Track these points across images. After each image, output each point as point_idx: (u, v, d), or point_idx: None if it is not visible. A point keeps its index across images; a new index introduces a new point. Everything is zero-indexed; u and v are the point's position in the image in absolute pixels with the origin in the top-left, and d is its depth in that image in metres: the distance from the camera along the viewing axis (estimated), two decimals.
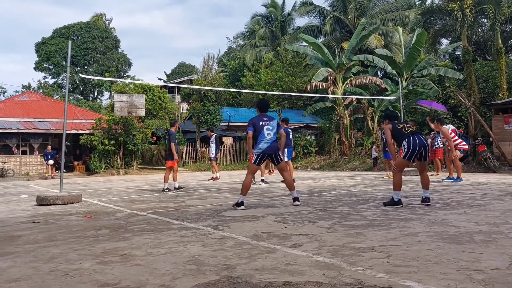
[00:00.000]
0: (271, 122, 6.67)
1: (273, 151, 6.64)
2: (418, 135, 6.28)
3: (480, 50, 25.97)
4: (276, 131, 6.67)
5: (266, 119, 6.69)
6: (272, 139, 6.59)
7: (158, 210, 6.66)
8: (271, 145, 6.57)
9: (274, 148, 6.65)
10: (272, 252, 3.64)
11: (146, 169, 24.19)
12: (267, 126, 6.59)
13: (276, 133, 6.68)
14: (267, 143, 6.54)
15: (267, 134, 6.55)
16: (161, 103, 27.33)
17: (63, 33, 47.78)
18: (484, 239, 3.83)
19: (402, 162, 6.33)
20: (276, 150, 6.68)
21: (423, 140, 6.22)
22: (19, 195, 10.63)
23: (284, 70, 23.89)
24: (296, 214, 5.71)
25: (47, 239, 4.55)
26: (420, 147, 6.16)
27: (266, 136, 6.55)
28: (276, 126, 6.70)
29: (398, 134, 6.40)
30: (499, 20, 17.17)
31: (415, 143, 6.15)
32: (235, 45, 45.62)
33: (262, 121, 6.64)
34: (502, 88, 17.78)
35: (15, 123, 24.30)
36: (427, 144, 6.27)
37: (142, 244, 4.12)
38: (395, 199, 6.20)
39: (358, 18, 29.06)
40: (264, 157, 6.68)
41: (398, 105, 17.88)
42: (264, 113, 6.89)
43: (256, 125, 6.61)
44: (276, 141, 6.69)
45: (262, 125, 6.60)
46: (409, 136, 6.22)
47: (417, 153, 6.19)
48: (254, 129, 6.59)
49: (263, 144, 6.53)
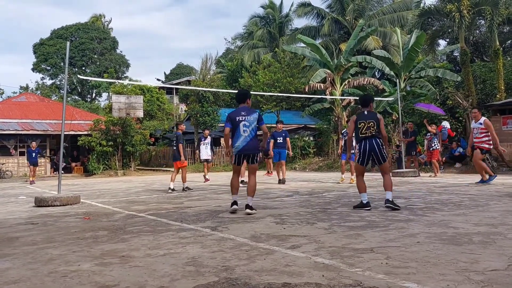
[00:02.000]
0: (250, 116, 6.07)
1: (249, 151, 6.07)
2: (372, 139, 6.11)
3: (478, 51, 26.05)
4: (256, 126, 6.09)
5: (244, 112, 6.08)
6: (249, 136, 6.03)
7: (157, 212, 6.65)
8: (247, 143, 6.02)
9: (251, 147, 6.07)
10: (271, 253, 3.64)
11: (144, 170, 24.17)
12: (244, 122, 6.02)
13: (255, 129, 6.10)
14: (243, 141, 6.02)
15: (243, 132, 6.01)
16: (159, 104, 27.37)
17: (61, 34, 47.76)
18: (482, 240, 3.84)
19: (357, 166, 6.38)
20: (254, 149, 6.09)
21: (374, 144, 6.09)
22: (17, 197, 10.61)
23: (282, 71, 23.92)
24: (295, 215, 5.72)
25: (45, 241, 4.54)
26: (370, 152, 6.12)
27: (242, 134, 6.02)
28: (257, 120, 6.11)
29: (356, 133, 6.31)
30: (496, 21, 17.23)
31: (364, 147, 6.14)
32: (233, 46, 45.70)
33: (240, 115, 6.06)
34: (500, 89, 17.84)
35: (12, 124, 24.27)
36: (378, 148, 6.10)
37: (140, 246, 4.11)
38: (363, 202, 6.17)
39: (356, 19, 29.11)
40: (242, 157, 6.17)
41: (396, 107, 17.91)
42: (243, 104, 6.24)
43: (233, 120, 6.07)
44: (254, 139, 6.10)
45: (239, 121, 6.04)
46: (361, 141, 6.19)
47: (367, 158, 6.17)
48: (232, 125, 6.09)
49: (238, 143, 6.04)
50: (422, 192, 8.35)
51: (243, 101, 6.26)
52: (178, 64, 57.22)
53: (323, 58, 21.93)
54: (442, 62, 26.03)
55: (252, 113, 6.11)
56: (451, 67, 24.37)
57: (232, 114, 6.13)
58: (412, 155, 14.78)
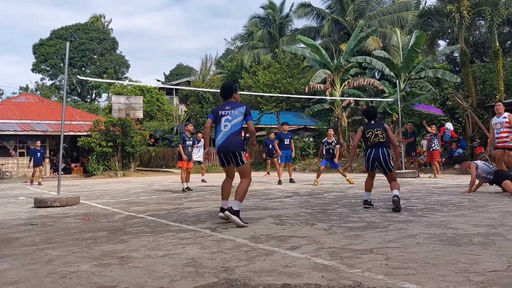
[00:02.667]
0: (234, 110, 5.23)
1: (229, 148, 5.18)
2: (379, 148, 6.20)
3: (478, 52, 26.05)
4: (241, 121, 5.24)
5: (229, 107, 5.27)
6: (229, 132, 5.17)
7: (156, 212, 6.65)
8: (226, 139, 5.17)
9: (231, 144, 5.17)
10: (271, 254, 3.63)
11: (144, 171, 24.18)
12: (226, 117, 5.21)
13: (240, 124, 5.23)
14: (222, 137, 5.20)
15: (223, 127, 5.21)
16: (159, 105, 27.37)
17: (61, 34, 47.78)
18: (482, 241, 3.84)
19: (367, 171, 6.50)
20: (234, 146, 5.18)
21: (379, 154, 6.16)
22: (16, 197, 10.61)
23: (282, 72, 23.92)
24: (295, 216, 5.71)
25: (45, 242, 4.54)
26: (374, 161, 6.21)
27: (222, 130, 5.22)
28: (244, 114, 5.25)
29: (364, 141, 6.46)
30: (496, 22, 17.24)
31: (369, 155, 6.26)
32: (233, 47, 45.68)
33: (223, 109, 5.29)
34: (500, 90, 17.84)
35: (12, 125, 24.28)
36: (384, 158, 6.14)
37: (140, 247, 4.11)
38: (365, 199, 6.43)
39: (356, 20, 29.12)
40: (224, 156, 5.28)
41: (396, 107, 17.90)
42: (230, 99, 5.42)
43: (215, 114, 5.35)
44: (234, 135, 5.18)
45: (221, 115, 5.26)
46: (369, 148, 6.31)
47: (371, 166, 6.30)
48: (214, 119, 5.37)
49: (218, 139, 5.26)
50: (422, 193, 8.35)
51: (229, 95, 5.44)
52: (178, 65, 57.26)
53: (323, 58, 21.94)
54: (442, 63, 26.05)
55: (238, 107, 5.27)
56: (451, 68, 24.38)
57: (216, 108, 5.45)
58: (412, 156, 14.79)
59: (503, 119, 8.67)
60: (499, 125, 8.74)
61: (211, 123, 5.43)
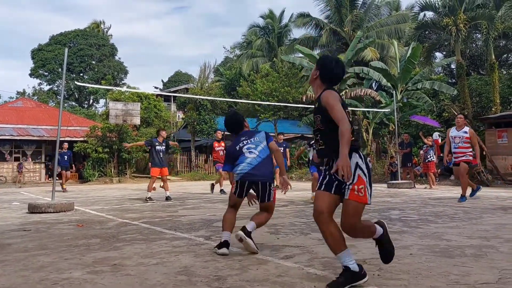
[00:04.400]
0: (253, 138, 4.44)
1: (257, 177, 4.26)
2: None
3: (474, 65, 26.27)
4: (266, 146, 4.41)
5: (245, 137, 4.46)
6: (257, 159, 4.30)
7: (151, 220, 6.63)
8: (254, 167, 4.26)
9: (260, 173, 4.27)
10: (264, 263, 3.63)
11: (140, 178, 24.08)
12: (248, 145, 4.37)
13: (266, 150, 4.39)
14: (249, 165, 4.28)
15: (249, 153, 4.33)
16: (157, 111, 27.36)
17: (60, 40, 47.81)
18: (474, 253, 3.85)
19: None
20: (264, 175, 4.28)
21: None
22: (10, 203, 10.55)
23: (280, 80, 24.03)
24: (289, 226, 5.71)
25: (37, 248, 4.52)
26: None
27: (247, 156, 4.32)
28: (265, 138, 4.47)
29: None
30: (492, 35, 17.42)
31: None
32: (232, 55, 45.86)
33: (239, 142, 4.43)
34: (495, 102, 17.97)
35: (8, 129, 24.20)
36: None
37: (133, 254, 4.10)
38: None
39: (354, 30, 29.31)
40: (245, 186, 4.32)
41: (392, 118, 17.98)
42: (240, 131, 4.56)
43: (231, 155, 4.48)
44: (264, 163, 4.31)
45: (240, 148, 4.38)
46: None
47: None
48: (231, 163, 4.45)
49: (242, 166, 4.29)
50: (417, 204, 8.36)
51: (240, 128, 4.59)
52: (176, 72, 57.29)
53: None
54: (439, 75, 26.21)
55: (255, 134, 4.50)
56: (447, 80, 24.56)
57: (230, 148, 4.58)
58: (408, 167, 14.82)
59: (464, 133, 8.51)
60: (458, 139, 8.55)
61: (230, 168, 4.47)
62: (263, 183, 4.28)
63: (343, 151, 2.82)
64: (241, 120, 4.66)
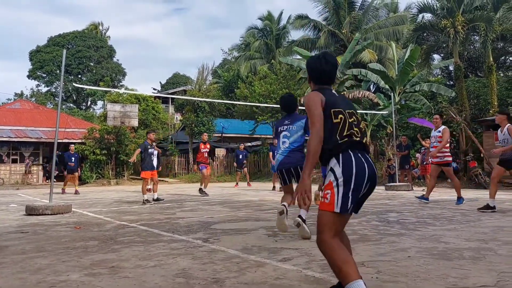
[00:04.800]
0: (293, 125, 5.06)
1: (288, 164, 5.03)
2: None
3: (472, 67, 26.33)
4: (301, 136, 5.03)
5: (288, 121, 5.13)
6: (288, 149, 5.03)
7: (149, 222, 6.61)
8: (285, 157, 5.04)
9: (291, 161, 5.01)
10: (262, 266, 3.62)
11: (138, 180, 24.02)
12: (285, 133, 5.08)
13: (300, 140, 5.03)
14: (281, 155, 5.09)
15: (282, 143, 5.10)
16: (155, 113, 27.33)
17: (58, 41, 47.78)
18: (473, 256, 3.85)
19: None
20: (295, 163, 4.99)
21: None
22: (8, 204, 10.52)
23: (278, 82, 24.04)
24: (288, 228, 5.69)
25: (35, 250, 4.50)
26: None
27: (280, 147, 5.14)
28: (304, 127, 5.02)
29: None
30: (490, 37, 17.45)
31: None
32: (230, 57, 45.89)
33: (282, 125, 5.17)
34: (493, 104, 18.00)
35: (6, 131, 24.14)
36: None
37: (131, 256, 4.09)
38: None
39: (352, 32, 29.36)
40: (284, 173, 5.14)
41: (390, 120, 17.99)
42: (291, 113, 5.24)
43: (276, 131, 5.26)
44: (294, 152, 5.02)
45: (280, 131, 5.15)
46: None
47: None
48: (275, 135, 5.26)
49: (278, 156, 5.17)
50: (415, 206, 8.37)
51: (293, 110, 5.26)
52: (175, 74, 57.33)
53: None
54: (437, 77, 26.27)
55: (297, 120, 5.07)
56: (445, 82, 24.60)
57: (276, 124, 5.31)
58: (406, 169, 14.83)
59: (438, 133, 8.39)
60: (433, 139, 8.50)
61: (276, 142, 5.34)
62: (295, 168, 5.01)
63: (304, 170, 2.46)
64: (294, 102, 5.29)
